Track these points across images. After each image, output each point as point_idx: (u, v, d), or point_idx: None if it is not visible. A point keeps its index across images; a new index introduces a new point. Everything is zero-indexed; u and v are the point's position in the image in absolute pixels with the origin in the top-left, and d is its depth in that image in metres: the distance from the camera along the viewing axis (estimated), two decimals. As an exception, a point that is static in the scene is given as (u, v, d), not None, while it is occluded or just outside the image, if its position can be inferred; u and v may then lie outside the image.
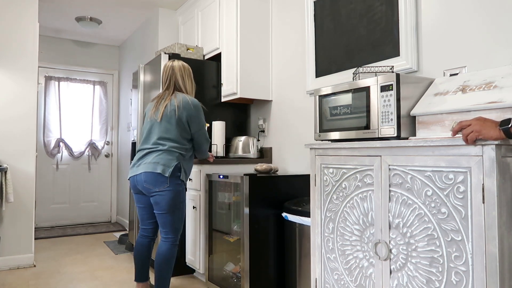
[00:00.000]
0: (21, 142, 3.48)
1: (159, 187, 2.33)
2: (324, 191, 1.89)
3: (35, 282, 3.04)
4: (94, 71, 5.73)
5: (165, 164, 2.33)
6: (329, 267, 1.86)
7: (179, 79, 2.50)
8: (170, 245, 2.40)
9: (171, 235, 2.41)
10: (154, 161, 2.35)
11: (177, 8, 4.35)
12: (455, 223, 1.33)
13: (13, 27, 3.49)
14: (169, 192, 2.34)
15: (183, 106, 2.39)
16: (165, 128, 2.40)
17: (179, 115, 2.38)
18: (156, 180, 2.32)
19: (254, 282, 2.44)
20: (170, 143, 2.38)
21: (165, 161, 2.34)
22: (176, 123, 2.39)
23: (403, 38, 2.11)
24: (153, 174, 2.32)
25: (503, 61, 1.71)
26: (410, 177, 1.48)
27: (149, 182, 2.34)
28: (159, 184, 2.32)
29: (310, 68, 2.78)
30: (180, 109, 2.38)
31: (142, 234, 2.59)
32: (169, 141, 2.39)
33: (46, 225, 5.32)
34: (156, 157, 2.36)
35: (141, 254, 2.56)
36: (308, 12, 2.81)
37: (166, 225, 2.39)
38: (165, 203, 2.35)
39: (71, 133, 5.49)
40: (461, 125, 1.28)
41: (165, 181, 2.32)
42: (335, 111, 1.90)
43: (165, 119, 2.40)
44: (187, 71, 2.55)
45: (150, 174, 2.33)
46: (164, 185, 2.32)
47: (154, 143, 2.41)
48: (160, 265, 2.39)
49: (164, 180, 2.32)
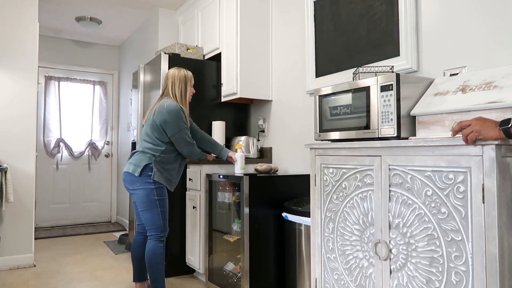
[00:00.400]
0: (21, 142, 3.48)
1: (132, 186, 2.49)
2: (324, 191, 1.89)
3: (35, 282, 3.04)
4: (94, 71, 5.73)
5: (136, 164, 2.48)
6: (329, 267, 1.86)
7: (169, 85, 2.62)
8: (154, 242, 2.47)
9: (153, 232, 2.49)
10: (129, 162, 2.54)
11: (177, 8, 4.35)
12: (455, 223, 1.33)
13: (13, 27, 3.49)
14: (141, 191, 2.46)
15: (158, 110, 2.51)
16: (145, 131, 2.57)
17: (153, 119, 2.52)
18: (130, 179, 2.49)
19: (254, 282, 2.44)
20: (145, 144, 2.53)
21: (136, 161, 2.49)
22: (151, 126, 2.53)
23: (403, 38, 2.11)
24: (127, 174, 2.50)
25: (503, 61, 1.71)
26: (410, 177, 1.48)
27: (126, 181, 2.52)
28: (132, 183, 2.48)
29: (310, 68, 2.78)
30: (155, 114, 2.52)
31: (137, 231, 2.67)
32: (145, 142, 2.54)
33: (46, 225, 5.33)
34: (133, 158, 2.54)
35: (137, 252, 2.62)
36: (308, 12, 2.81)
37: (147, 222, 2.49)
38: (140, 201, 2.47)
39: (71, 133, 5.49)
40: (461, 125, 1.28)
41: (137, 180, 2.46)
42: (335, 111, 1.90)
43: (147, 122, 2.57)
44: (181, 78, 2.63)
45: (126, 173, 2.52)
46: (136, 184, 2.47)
47: (138, 145, 2.60)
48: (148, 262, 2.46)
49: (135, 179, 2.46)
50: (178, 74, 2.62)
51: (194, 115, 3.30)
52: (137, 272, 2.61)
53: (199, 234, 2.97)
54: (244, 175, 2.48)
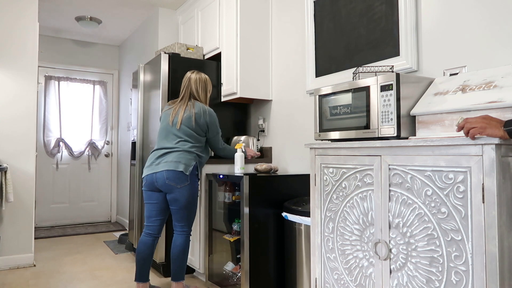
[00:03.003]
0: (21, 141, 3.48)
1: (180, 184, 2.51)
2: (324, 191, 1.89)
3: (35, 281, 3.04)
4: (94, 71, 5.72)
5: (186, 163, 2.54)
6: (329, 267, 1.86)
7: (193, 90, 2.74)
8: (185, 237, 2.59)
9: (186, 228, 2.60)
10: (175, 160, 2.54)
11: (177, 7, 4.35)
12: (455, 223, 1.33)
13: (13, 26, 3.49)
14: (189, 189, 2.54)
15: (202, 113, 2.65)
16: (184, 132, 2.62)
17: (198, 120, 2.63)
18: (179, 177, 2.51)
19: (254, 281, 2.44)
20: (189, 144, 2.61)
21: (186, 160, 2.55)
22: (194, 128, 2.63)
23: (403, 37, 2.11)
24: (175, 172, 2.51)
25: (503, 61, 1.71)
26: (410, 176, 1.48)
27: (171, 179, 2.51)
28: (181, 181, 2.51)
29: (310, 68, 2.78)
30: (200, 116, 2.64)
31: (146, 232, 2.64)
32: (188, 142, 2.61)
33: (46, 224, 5.33)
34: (177, 157, 2.56)
35: (144, 253, 2.60)
36: (308, 11, 2.81)
37: (183, 219, 2.58)
38: (185, 199, 2.53)
39: (71, 133, 5.49)
40: (467, 121, 1.28)
41: (186, 179, 2.52)
42: (335, 110, 1.90)
43: (184, 123, 2.63)
44: (202, 83, 2.77)
45: (172, 172, 2.51)
46: (185, 182, 2.52)
47: (174, 144, 2.62)
48: (177, 256, 2.58)
49: (185, 178, 2.52)
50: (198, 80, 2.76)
51: (194, 115, 3.30)
52: (140, 273, 2.60)
53: (199, 233, 2.97)
54: (244, 175, 2.48)
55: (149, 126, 3.47)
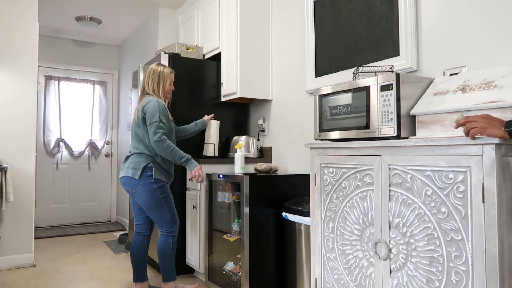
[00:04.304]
0: (21, 141, 3.48)
1: (134, 189, 2.51)
2: (324, 191, 1.89)
3: (35, 281, 3.04)
4: (94, 71, 5.72)
5: (134, 167, 2.50)
6: (329, 267, 1.86)
7: (144, 83, 2.64)
8: (164, 237, 2.56)
9: (164, 228, 2.56)
10: (127, 165, 2.55)
11: (177, 7, 4.35)
12: (455, 223, 1.33)
13: (13, 26, 3.49)
14: (144, 192, 2.49)
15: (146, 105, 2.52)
16: (135, 132, 2.58)
17: (140, 115, 2.53)
18: (131, 182, 2.51)
19: (254, 281, 2.44)
20: (139, 145, 2.55)
21: (134, 164, 2.51)
22: (140, 124, 2.54)
23: (403, 37, 2.11)
24: (127, 178, 2.52)
25: (503, 61, 1.71)
26: (410, 176, 1.48)
27: (126, 185, 2.54)
28: (133, 186, 2.51)
29: (310, 68, 2.78)
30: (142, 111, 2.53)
31: (136, 232, 2.68)
32: (137, 143, 2.56)
33: (46, 224, 5.33)
34: (129, 161, 2.56)
35: (136, 252, 2.62)
36: (308, 11, 2.81)
37: (156, 220, 2.56)
38: (145, 201, 2.51)
39: (71, 133, 5.49)
40: (468, 119, 1.27)
41: (138, 183, 2.49)
42: (335, 110, 1.90)
43: (135, 123, 2.58)
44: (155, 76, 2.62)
45: (125, 178, 2.53)
46: (138, 186, 2.49)
47: (131, 147, 2.61)
48: (159, 256, 2.57)
49: (136, 182, 2.49)
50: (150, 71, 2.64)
51: (194, 115, 3.30)
52: (137, 273, 2.62)
53: (199, 233, 2.97)
54: (244, 175, 2.48)
55: (149, 126, 3.47)
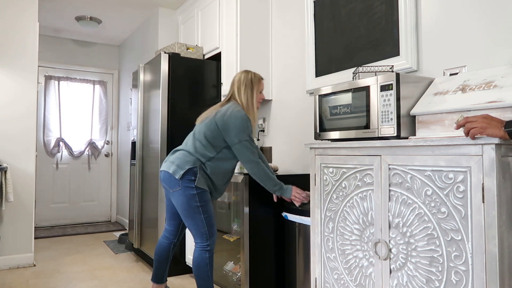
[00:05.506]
0: (21, 141, 3.48)
1: (171, 188, 2.24)
2: (324, 191, 1.89)
3: (35, 281, 3.04)
4: (94, 71, 5.72)
5: (179, 164, 2.21)
6: (329, 267, 1.86)
7: (235, 90, 2.38)
8: (198, 252, 2.25)
9: (198, 239, 2.26)
10: (171, 160, 2.26)
11: (177, 7, 4.35)
12: (455, 223, 1.33)
13: (13, 26, 3.49)
14: (181, 196, 2.21)
15: (225, 112, 2.26)
16: (199, 130, 2.31)
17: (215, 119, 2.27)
18: (170, 180, 2.23)
19: (254, 281, 2.44)
20: (196, 144, 2.27)
21: (180, 161, 2.22)
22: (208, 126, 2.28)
23: (403, 37, 2.11)
24: (167, 174, 2.24)
25: (503, 61, 1.71)
26: (410, 176, 1.48)
27: (165, 181, 2.26)
28: (172, 185, 2.23)
29: (310, 68, 2.78)
30: (223, 115, 2.25)
31: (163, 235, 2.47)
32: (196, 141, 2.28)
33: (46, 224, 5.33)
34: (175, 157, 2.27)
35: (159, 254, 2.44)
36: (308, 11, 2.81)
37: (190, 229, 2.27)
38: (180, 206, 2.23)
39: (71, 133, 5.49)
40: (467, 120, 1.27)
41: (177, 183, 2.20)
42: (335, 110, 1.90)
43: (204, 122, 2.32)
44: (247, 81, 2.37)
45: (165, 173, 2.25)
46: (176, 186, 2.21)
47: (184, 144, 2.34)
48: (194, 272, 2.27)
49: (175, 182, 2.20)
50: (241, 78, 2.37)
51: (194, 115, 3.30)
52: (156, 273, 2.47)
53: (199, 233, 2.96)
54: (244, 175, 2.48)
55: (149, 126, 3.47)
